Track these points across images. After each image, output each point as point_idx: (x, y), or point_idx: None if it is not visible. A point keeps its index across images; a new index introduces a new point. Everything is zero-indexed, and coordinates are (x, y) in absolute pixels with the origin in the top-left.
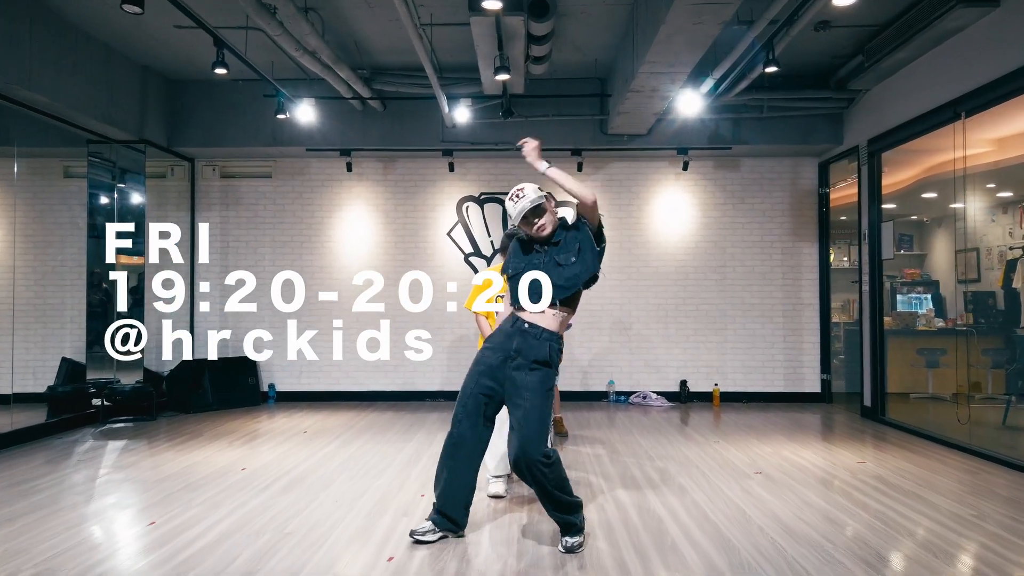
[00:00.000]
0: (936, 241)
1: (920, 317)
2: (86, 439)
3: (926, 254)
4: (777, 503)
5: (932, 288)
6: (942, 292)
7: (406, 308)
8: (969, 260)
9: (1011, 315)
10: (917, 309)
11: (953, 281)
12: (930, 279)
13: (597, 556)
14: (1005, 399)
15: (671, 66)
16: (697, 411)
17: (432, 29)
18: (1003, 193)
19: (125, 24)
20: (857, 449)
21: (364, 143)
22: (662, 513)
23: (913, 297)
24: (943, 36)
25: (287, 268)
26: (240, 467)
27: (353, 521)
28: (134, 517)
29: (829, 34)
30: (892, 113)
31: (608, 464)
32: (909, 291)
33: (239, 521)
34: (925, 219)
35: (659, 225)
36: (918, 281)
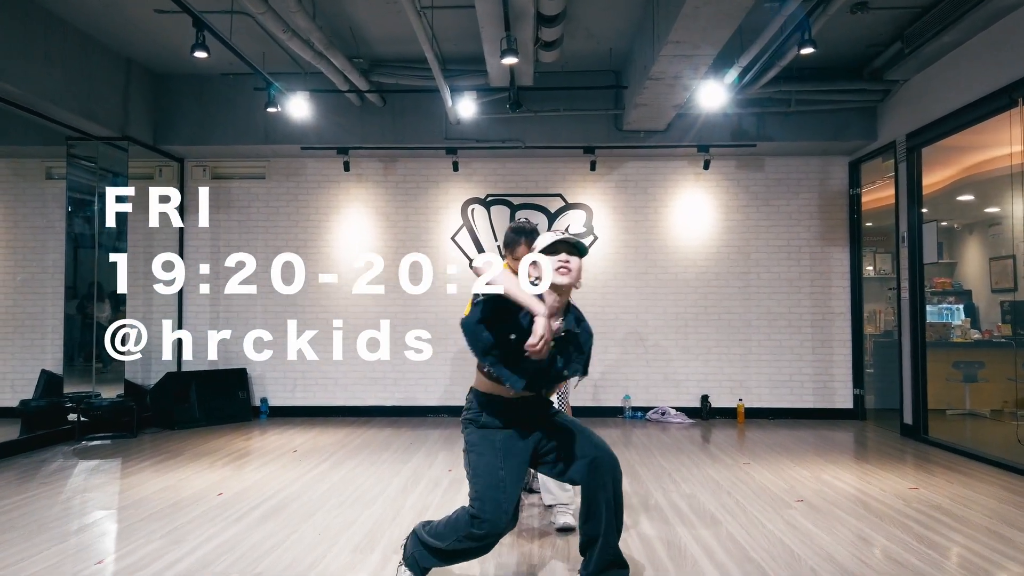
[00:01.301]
0: (967, 248)
1: (955, 328)
2: (56, 458)
3: (956, 262)
4: (828, 538)
5: (964, 298)
6: (975, 302)
7: (407, 316)
8: (1005, 268)
9: None
10: (950, 320)
11: (987, 290)
12: (962, 288)
13: None
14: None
15: (696, 47)
16: (720, 428)
17: (433, 13)
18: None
19: (100, 8)
20: (903, 472)
21: (362, 141)
22: (695, 551)
23: (944, 308)
24: (996, 15)
25: (281, 275)
26: (217, 492)
27: (336, 559)
28: (81, 553)
29: (866, 17)
30: (935, 104)
31: (627, 489)
32: (940, 301)
33: (203, 559)
34: (956, 225)
35: (678, 229)
36: (949, 291)
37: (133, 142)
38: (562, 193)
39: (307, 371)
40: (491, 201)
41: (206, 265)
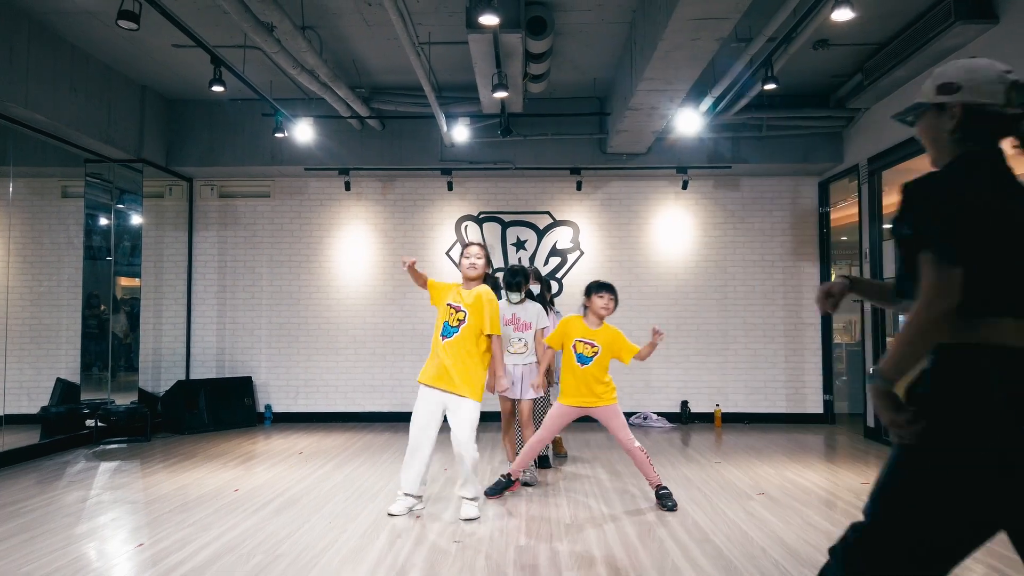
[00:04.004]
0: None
1: None
2: (78, 460)
3: None
4: (780, 524)
5: None
6: None
7: (403, 326)
8: None
9: None
10: None
11: None
12: None
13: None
14: None
15: (669, 83)
16: (698, 432)
17: (430, 48)
18: None
19: (123, 44)
20: (860, 469)
21: (363, 162)
22: (662, 534)
23: None
24: (943, 54)
25: (285, 287)
26: (233, 488)
27: (346, 543)
28: (122, 539)
29: (828, 53)
30: (892, 131)
31: (607, 485)
32: None
33: (229, 543)
34: None
35: (659, 244)
36: None
37: (147, 164)
38: (550, 211)
39: (309, 379)
40: (483, 218)
41: (213, 278)
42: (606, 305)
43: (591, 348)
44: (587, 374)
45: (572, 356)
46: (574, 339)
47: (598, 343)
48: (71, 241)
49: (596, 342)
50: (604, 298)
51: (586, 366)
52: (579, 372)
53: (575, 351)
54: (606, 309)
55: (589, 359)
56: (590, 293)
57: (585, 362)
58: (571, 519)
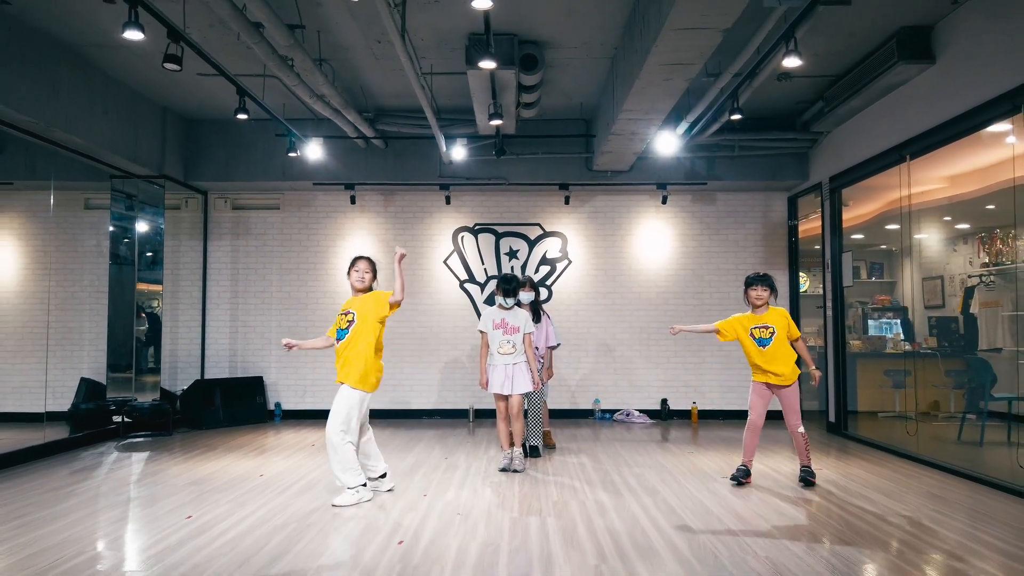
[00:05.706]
0: (904, 269)
1: (888, 341)
2: (111, 451)
3: (895, 281)
4: (737, 501)
5: (901, 313)
6: (911, 317)
7: (403, 329)
8: (935, 287)
9: (970, 338)
10: (887, 334)
11: (922, 307)
12: (899, 305)
13: (579, 542)
14: (961, 416)
15: (647, 113)
16: (677, 428)
17: (432, 78)
18: (961, 225)
19: (152, 73)
20: (818, 458)
21: (367, 178)
22: (636, 509)
23: (884, 322)
24: (889, 88)
25: (294, 293)
26: (258, 474)
27: (366, 515)
28: (172, 513)
29: (791, 84)
30: (849, 153)
31: (591, 471)
32: (880, 316)
33: (265, 515)
34: (893, 248)
35: (641, 254)
36: (888, 307)
37: (169, 180)
38: (540, 223)
39: (316, 379)
40: (478, 229)
41: (227, 285)
42: (759, 295)
43: (767, 331)
44: (773, 353)
45: (752, 343)
46: (749, 328)
47: (770, 324)
48: (94, 249)
49: (769, 323)
50: (757, 289)
51: (767, 347)
52: (765, 354)
53: (753, 337)
54: (759, 299)
55: (768, 340)
56: (747, 286)
57: (765, 343)
58: (558, 497)
